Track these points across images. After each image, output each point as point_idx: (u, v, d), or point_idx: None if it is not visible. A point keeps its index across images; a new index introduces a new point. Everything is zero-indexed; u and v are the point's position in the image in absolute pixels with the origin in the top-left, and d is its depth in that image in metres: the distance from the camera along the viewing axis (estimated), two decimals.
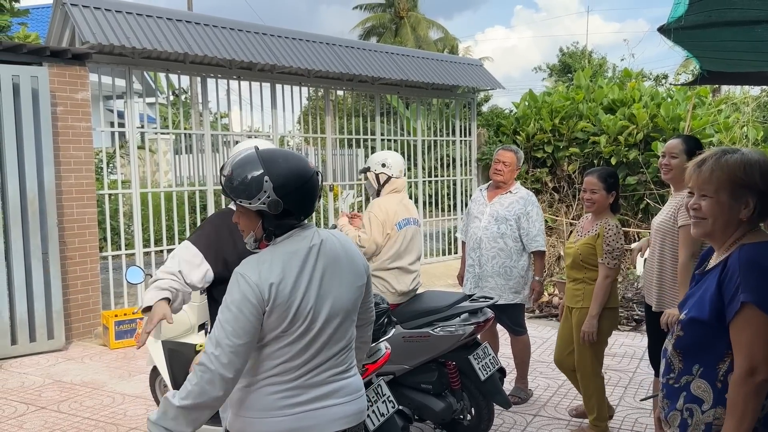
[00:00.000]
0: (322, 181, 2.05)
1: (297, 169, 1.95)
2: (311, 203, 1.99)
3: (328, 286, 1.97)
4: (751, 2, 2.85)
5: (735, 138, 8.96)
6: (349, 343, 2.06)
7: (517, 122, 10.72)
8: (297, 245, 1.96)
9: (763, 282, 1.74)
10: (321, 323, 1.93)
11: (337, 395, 1.99)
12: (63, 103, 6.28)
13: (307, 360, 1.93)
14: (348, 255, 2.06)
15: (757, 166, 1.84)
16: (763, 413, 1.79)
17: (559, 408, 4.64)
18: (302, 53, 8.02)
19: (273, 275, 1.87)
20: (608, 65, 24.27)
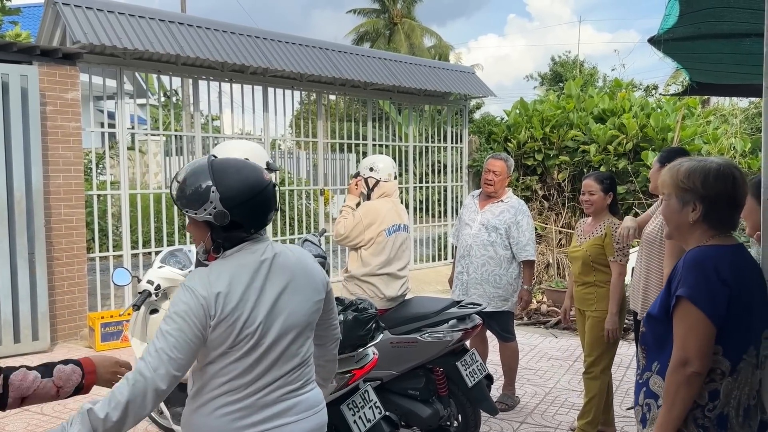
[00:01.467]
0: (277, 194, 1.97)
1: (248, 180, 1.88)
2: (263, 216, 1.91)
3: (280, 301, 1.89)
4: (740, 15, 2.88)
5: (723, 149, 9.04)
6: (305, 359, 1.97)
7: (509, 130, 10.76)
8: (247, 258, 1.89)
9: (699, 279, 1.83)
10: (271, 339, 1.85)
11: (291, 413, 1.91)
12: (53, 103, 6.24)
13: (256, 377, 1.85)
14: (304, 269, 1.99)
15: (700, 171, 1.91)
16: (715, 413, 1.83)
17: (546, 415, 4.64)
18: (295, 57, 8.02)
19: (220, 289, 1.80)
20: (599, 75, 24.46)
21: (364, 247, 4.07)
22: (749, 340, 1.88)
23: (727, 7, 2.76)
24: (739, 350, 1.86)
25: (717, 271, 1.83)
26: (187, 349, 1.76)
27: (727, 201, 1.90)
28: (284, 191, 8.91)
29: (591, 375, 4.02)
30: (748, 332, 1.88)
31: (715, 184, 1.89)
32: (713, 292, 1.81)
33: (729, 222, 1.93)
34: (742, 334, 1.86)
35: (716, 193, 1.89)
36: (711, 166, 1.92)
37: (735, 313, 1.83)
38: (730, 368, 1.85)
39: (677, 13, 2.74)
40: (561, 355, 6.24)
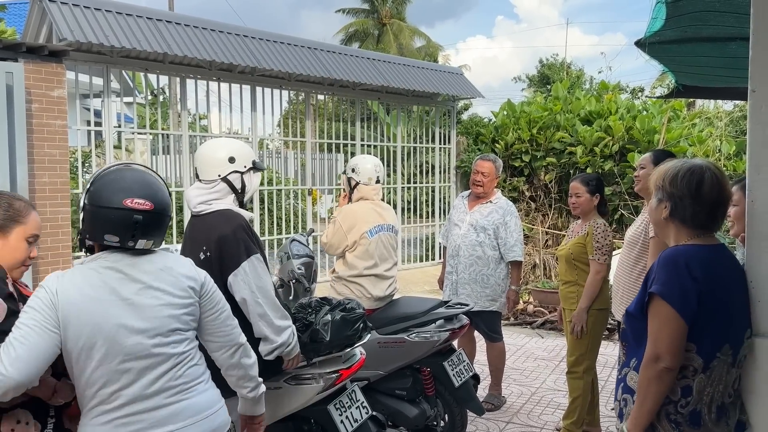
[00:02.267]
0: (132, 216, 1.92)
1: (106, 192, 1.94)
2: (99, 229, 1.91)
3: (137, 305, 1.86)
4: (725, 19, 2.92)
5: (708, 151, 9.13)
6: (178, 362, 1.91)
7: (496, 131, 10.81)
8: (102, 263, 1.90)
9: (671, 276, 1.87)
10: (132, 344, 1.83)
11: (177, 419, 1.88)
12: (38, 101, 6.18)
13: (128, 383, 1.83)
14: (169, 272, 1.95)
15: (671, 171, 1.99)
16: (688, 409, 1.86)
17: (532, 415, 4.67)
18: (283, 56, 8.00)
19: (72, 289, 1.82)
20: (586, 77, 24.61)
21: (349, 250, 4.06)
22: (725, 338, 1.90)
23: (712, 11, 2.80)
24: (713, 348, 1.89)
25: (689, 269, 1.87)
26: (46, 340, 1.76)
27: (691, 199, 1.94)
28: (272, 191, 8.89)
29: (574, 375, 4.05)
30: (724, 331, 1.90)
31: (680, 183, 1.96)
32: (684, 289, 1.85)
33: (698, 219, 1.95)
34: (716, 333, 1.89)
35: (679, 191, 1.96)
36: (683, 166, 1.98)
37: (708, 310, 1.86)
38: (703, 365, 1.88)
39: (664, 17, 2.77)
40: (547, 355, 6.27)
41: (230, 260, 2.64)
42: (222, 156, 2.80)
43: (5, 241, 2.00)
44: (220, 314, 2.07)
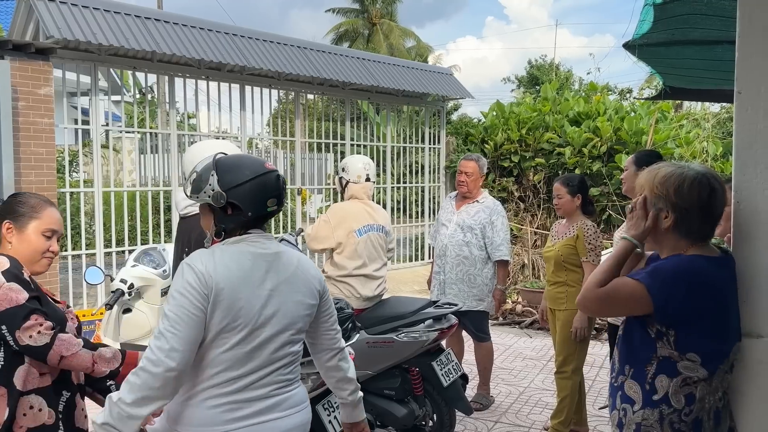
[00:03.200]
0: (283, 183, 2.01)
1: (246, 164, 1.96)
2: (261, 199, 1.93)
3: (278, 296, 1.92)
4: (712, 23, 2.94)
5: (695, 152, 9.20)
6: (295, 358, 2.00)
7: (486, 132, 10.83)
8: (249, 249, 1.93)
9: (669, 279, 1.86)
10: (265, 335, 1.88)
11: (280, 408, 1.94)
12: (25, 99, 6.13)
13: (249, 371, 1.87)
14: (303, 272, 2.02)
15: (676, 179, 1.91)
16: (691, 417, 1.87)
17: (520, 414, 4.69)
18: (273, 55, 7.98)
19: (219, 268, 1.84)
20: (574, 78, 24.75)
21: (336, 251, 4.06)
22: (726, 351, 1.91)
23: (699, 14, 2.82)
24: (717, 361, 1.88)
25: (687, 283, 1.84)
26: (189, 323, 1.78)
27: (699, 211, 1.90)
28: None
29: (563, 375, 4.07)
30: (727, 344, 1.90)
31: (688, 193, 1.89)
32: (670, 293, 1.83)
33: (703, 231, 1.95)
34: (720, 346, 1.88)
35: (689, 202, 1.89)
36: (687, 174, 1.91)
37: (712, 325, 1.84)
38: (707, 376, 1.87)
39: (651, 19, 2.79)
40: (535, 354, 6.30)
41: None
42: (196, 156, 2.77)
43: (21, 236, 2.13)
44: (331, 317, 2.15)
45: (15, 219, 2.13)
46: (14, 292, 1.97)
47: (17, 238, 2.13)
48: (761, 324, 1.95)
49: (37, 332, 1.96)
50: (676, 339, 1.87)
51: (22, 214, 2.14)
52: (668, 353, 1.88)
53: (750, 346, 1.95)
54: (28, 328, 1.95)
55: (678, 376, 1.87)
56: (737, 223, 2.00)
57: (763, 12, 1.96)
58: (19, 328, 1.95)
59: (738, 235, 2.00)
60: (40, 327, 1.96)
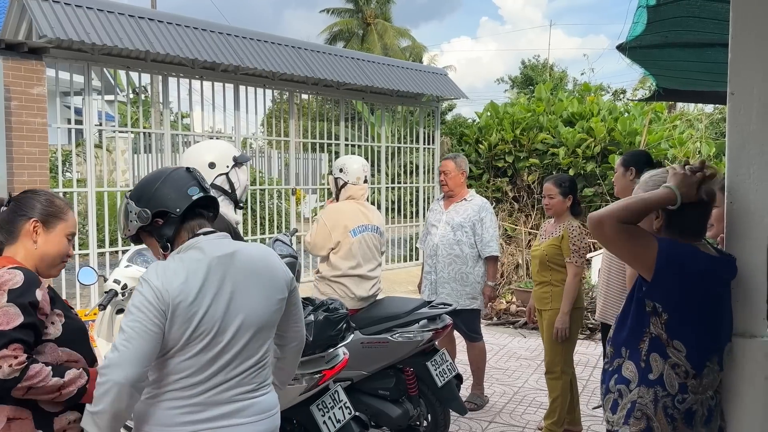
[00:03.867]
0: (196, 173, 1.99)
1: (152, 175, 1.98)
2: (179, 192, 1.91)
3: (238, 298, 1.87)
4: (704, 25, 2.96)
5: (688, 153, 9.25)
6: (262, 360, 1.95)
7: (480, 132, 10.85)
8: (203, 254, 1.88)
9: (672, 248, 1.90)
10: (228, 337, 1.85)
11: (243, 414, 1.89)
12: (18, 98, 6.10)
13: (211, 375, 1.84)
14: (267, 267, 1.97)
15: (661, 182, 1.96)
16: (684, 406, 1.88)
17: (515, 414, 4.70)
18: (267, 55, 7.96)
19: (176, 281, 1.81)
20: (568, 79, 24.81)
21: (333, 251, 4.06)
22: (714, 349, 1.92)
23: (693, 17, 2.84)
24: (702, 358, 1.90)
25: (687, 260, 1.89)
26: (144, 338, 1.76)
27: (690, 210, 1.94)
28: (255, 190, 8.85)
29: (552, 375, 4.08)
30: (714, 341, 1.92)
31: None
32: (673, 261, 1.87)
33: (695, 230, 1.97)
34: (706, 342, 1.90)
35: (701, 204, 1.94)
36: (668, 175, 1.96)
37: (699, 316, 1.87)
38: (694, 372, 1.89)
39: (645, 21, 2.80)
40: (529, 354, 6.32)
41: None
42: (201, 165, 2.77)
43: (48, 236, 2.06)
44: (299, 309, 2.11)
45: (44, 218, 2.05)
46: (8, 316, 1.86)
47: (44, 239, 2.05)
48: (754, 324, 1.97)
49: (8, 365, 1.82)
50: (667, 321, 1.90)
51: (51, 214, 2.07)
52: (658, 332, 1.91)
53: (743, 346, 1.97)
54: (1, 357, 1.82)
55: (669, 359, 1.90)
56: (730, 223, 2.02)
57: (755, 15, 1.98)
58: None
59: (731, 234, 2.02)
60: (12, 361, 1.83)
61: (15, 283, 1.89)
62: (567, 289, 3.96)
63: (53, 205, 2.09)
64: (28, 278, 1.93)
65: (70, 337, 2.01)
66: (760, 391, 1.95)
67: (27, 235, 2.05)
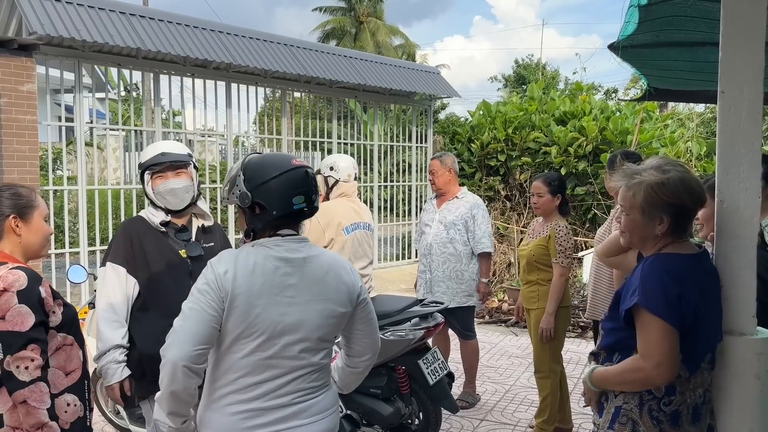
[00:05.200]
0: (313, 180, 1.96)
1: (271, 161, 1.92)
2: (286, 197, 1.88)
3: (299, 304, 1.87)
4: (696, 25, 2.97)
5: (680, 152, 9.30)
6: (319, 365, 1.94)
7: (472, 131, 10.87)
8: (275, 252, 1.89)
9: (657, 287, 1.84)
10: (284, 342, 1.85)
11: (303, 416, 1.90)
12: (7, 95, 6.06)
13: (269, 378, 1.85)
14: (334, 278, 1.95)
15: (670, 185, 1.91)
16: (670, 408, 1.88)
17: (506, 413, 4.71)
18: (259, 53, 7.94)
19: (240, 273, 1.83)
20: (561, 78, 24.88)
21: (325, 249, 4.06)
22: (708, 348, 1.92)
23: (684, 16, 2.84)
24: (699, 359, 1.90)
25: (672, 280, 1.84)
26: (197, 320, 1.79)
27: (694, 209, 1.94)
28: None
29: (541, 374, 4.09)
30: (708, 341, 1.91)
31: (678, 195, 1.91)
32: (670, 300, 1.82)
33: (687, 228, 1.97)
34: (701, 344, 1.90)
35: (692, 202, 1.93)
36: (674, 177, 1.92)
37: (693, 323, 1.85)
38: (689, 375, 1.89)
39: (636, 21, 2.80)
40: (521, 353, 6.33)
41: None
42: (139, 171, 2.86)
43: (29, 227, 2.13)
44: (368, 324, 2.09)
45: (19, 211, 2.11)
46: (21, 316, 1.94)
47: (25, 230, 2.12)
48: (743, 322, 1.98)
49: (25, 367, 1.92)
50: None
51: (24, 206, 2.13)
52: None
53: (733, 344, 1.97)
54: (20, 359, 1.92)
55: None
56: (720, 222, 2.02)
57: (746, 13, 1.98)
58: (12, 354, 1.92)
59: (721, 233, 2.03)
60: (30, 362, 1.93)
61: (21, 284, 1.97)
62: (552, 289, 3.96)
63: (21, 197, 2.14)
64: (31, 277, 2.01)
65: (67, 324, 2.11)
66: (749, 389, 1.95)
67: (9, 232, 2.12)
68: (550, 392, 4.05)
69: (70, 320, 2.11)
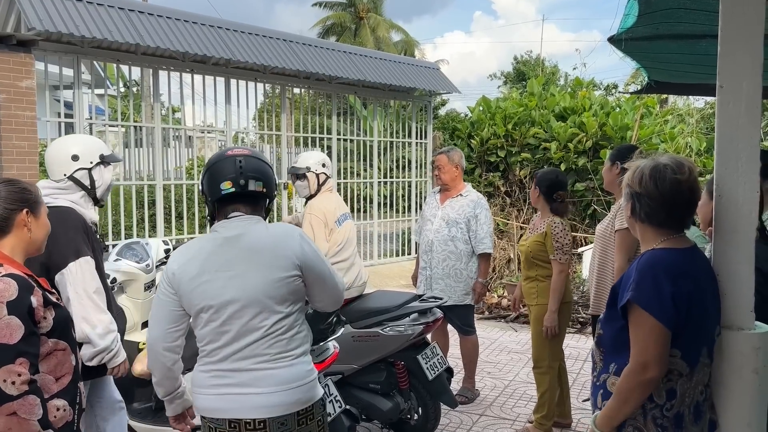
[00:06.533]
0: (242, 164, 2.15)
1: (212, 157, 2.23)
2: (215, 184, 2.15)
3: (239, 276, 2.09)
4: (696, 17, 2.96)
5: (679, 147, 9.28)
6: (273, 332, 2.11)
7: (472, 127, 10.85)
8: (219, 233, 2.16)
9: (648, 284, 1.84)
10: (231, 311, 2.08)
11: (261, 384, 2.08)
12: (6, 91, 6.04)
13: (224, 344, 2.10)
14: (274, 247, 2.14)
15: (636, 171, 1.96)
16: (672, 412, 1.87)
17: (505, 408, 4.71)
18: (258, 48, 7.92)
19: (181, 259, 2.15)
20: (561, 74, 24.82)
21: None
22: (704, 342, 1.91)
23: (684, 8, 2.83)
24: (697, 354, 1.89)
25: (665, 275, 1.84)
26: (160, 306, 2.17)
27: (660, 200, 1.91)
28: None
29: (540, 370, 4.10)
30: (704, 335, 1.91)
31: (640, 181, 1.93)
32: (662, 296, 1.82)
33: (673, 222, 1.96)
34: (698, 338, 1.89)
35: (642, 189, 1.93)
36: (647, 164, 1.94)
37: (690, 317, 1.84)
38: (689, 371, 1.88)
39: (636, 13, 2.79)
40: (520, 348, 6.33)
41: (59, 258, 2.66)
42: (65, 155, 2.86)
43: (38, 221, 2.14)
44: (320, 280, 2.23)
45: (30, 205, 2.10)
46: (10, 328, 1.87)
47: (35, 225, 2.11)
48: (741, 317, 1.97)
49: (12, 381, 1.85)
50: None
51: (33, 200, 2.12)
52: None
53: (731, 338, 1.97)
54: (7, 372, 1.85)
55: None
56: (719, 216, 2.02)
57: (745, 7, 1.97)
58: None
59: (719, 227, 2.02)
60: (17, 377, 1.85)
61: (11, 294, 1.90)
62: (553, 287, 3.96)
63: (30, 191, 2.13)
64: (21, 285, 1.94)
65: (59, 328, 2.04)
66: (747, 383, 1.95)
67: (20, 227, 2.08)
68: (549, 388, 4.05)
69: (62, 324, 2.04)
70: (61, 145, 2.93)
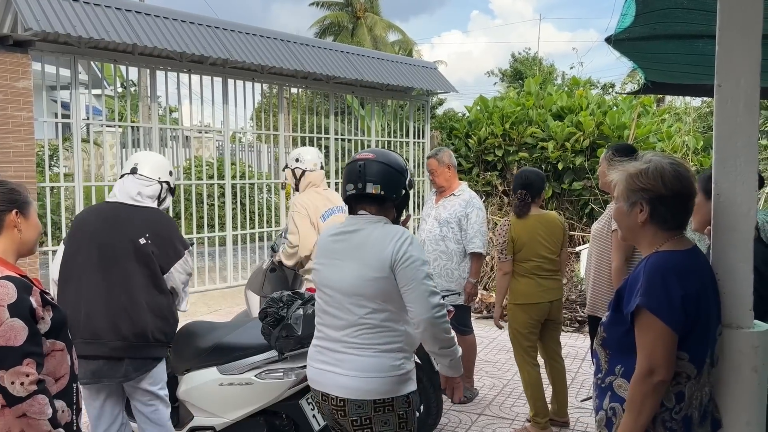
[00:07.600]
0: (363, 168, 2.37)
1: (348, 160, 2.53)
2: (344, 185, 2.43)
3: (341, 267, 2.34)
4: (693, 17, 2.96)
5: (676, 147, 9.29)
6: (362, 323, 2.29)
7: (470, 126, 10.85)
8: (341, 227, 2.44)
9: (659, 289, 1.82)
10: (330, 294, 2.36)
11: (341, 366, 2.30)
12: (3, 92, 6.03)
13: (325, 324, 2.38)
14: (371, 247, 2.32)
15: (648, 171, 1.91)
16: (681, 414, 1.87)
17: (504, 407, 4.72)
18: (256, 48, 7.92)
19: (323, 236, 2.49)
20: (558, 73, 24.84)
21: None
22: (709, 343, 1.91)
23: (681, 8, 2.84)
24: (703, 355, 1.89)
25: (678, 280, 1.82)
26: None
27: (675, 199, 1.90)
28: (245, 185, 8.82)
29: (519, 370, 4.21)
30: (710, 336, 1.90)
31: (653, 181, 1.89)
32: (671, 301, 1.80)
33: (678, 221, 1.96)
34: (704, 339, 1.88)
35: (673, 192, 1.89)
36: (663, 164, 1.91)
37: (698, 319, 1.84)
38: (696, 373, 1.87)
39: (633, 13, 2.79)
40: None
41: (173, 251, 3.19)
42: (166, 165, 3.38)
43: (28, 221, 2.13)
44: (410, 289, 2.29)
45: (19, 206, 2.09)
46: (14, 330, 1.87)
47: (25, 225, 2.10)
48: (740, 315, 1.98)
49: (20, 383, 1.86)
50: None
51: (23, 200, 2.11)
52: None
53: (731, 337, 1.97)
54: (15, 374, 1.86)
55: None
56: (717, 216, 2.02)
57: (743, 6, 1.98)
58: (6, 370, 1.86)
59: (718, 226, 2.02)
60: (26, 378, 1.87)
61: (11, 298, 1.91)
62: (496, 283, 4.06)
63: (19, 192, 2.12)
64: (20, 287, 1.94)
65: (56, 328, 2.04)
66: (747, 382, 1.95)
67: (10, 228, 2.07)
68: (528, 387, 4.13)
69: (59, 325, 2.04)
70: (164, 158, 3.47)
